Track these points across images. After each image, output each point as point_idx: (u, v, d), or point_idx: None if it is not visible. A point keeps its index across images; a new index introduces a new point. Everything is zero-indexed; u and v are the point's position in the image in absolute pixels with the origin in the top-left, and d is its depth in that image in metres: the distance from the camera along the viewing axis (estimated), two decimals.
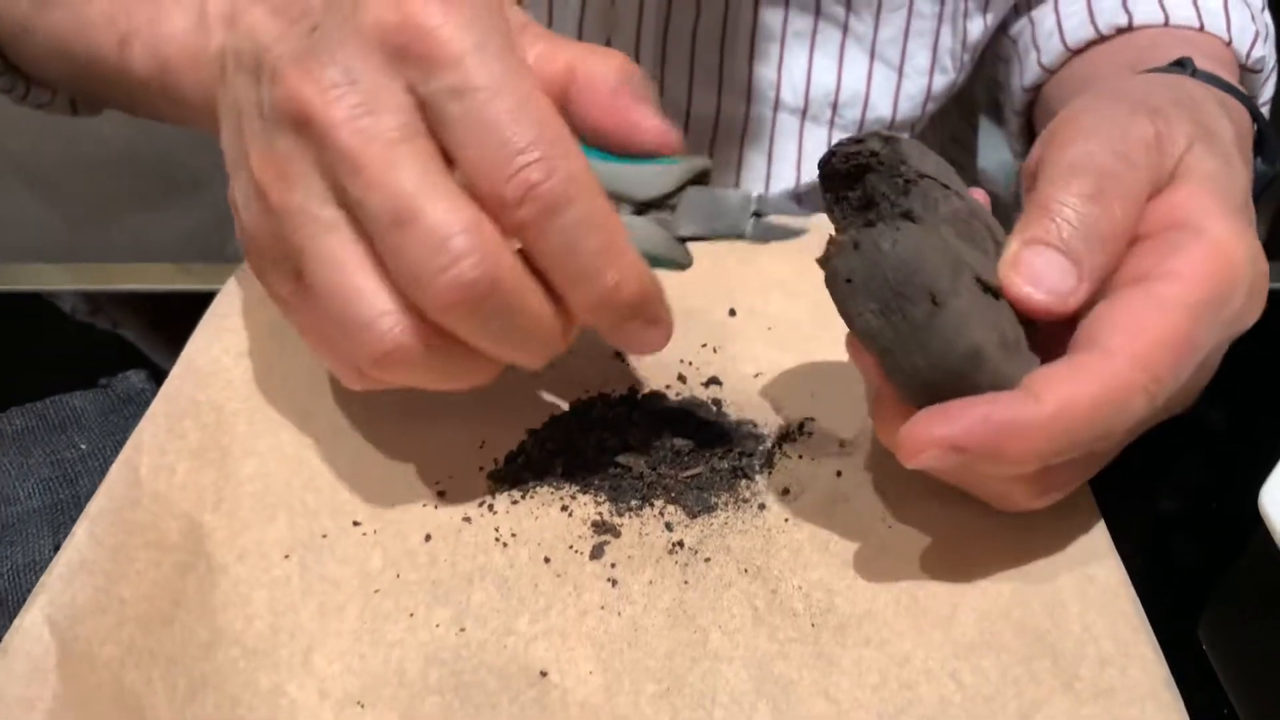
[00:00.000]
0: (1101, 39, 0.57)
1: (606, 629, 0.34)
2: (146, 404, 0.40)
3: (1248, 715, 0.34)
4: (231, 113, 0.34)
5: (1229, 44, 0.54)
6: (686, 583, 0.35)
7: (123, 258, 0.53)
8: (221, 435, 0.39)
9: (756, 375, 0.44)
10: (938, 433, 0.31)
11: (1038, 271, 0.33)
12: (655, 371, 0.44)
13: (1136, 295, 0.33)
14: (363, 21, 0.30)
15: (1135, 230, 0.35)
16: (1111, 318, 0.33)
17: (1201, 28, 0.55)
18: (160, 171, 0.89)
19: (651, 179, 0.34)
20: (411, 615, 0.34)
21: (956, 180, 0.36)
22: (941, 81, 0.61)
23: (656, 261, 0.34)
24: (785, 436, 0.41)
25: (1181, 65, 0.46)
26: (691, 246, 0.35)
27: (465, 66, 0.30)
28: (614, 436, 0.40)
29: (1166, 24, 0.55)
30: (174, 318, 0.43)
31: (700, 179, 0.35)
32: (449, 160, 0.31)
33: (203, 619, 0.33)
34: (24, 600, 0.32)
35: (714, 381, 0.43)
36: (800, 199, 0.64)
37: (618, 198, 0.34)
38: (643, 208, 0.35)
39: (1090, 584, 0.36)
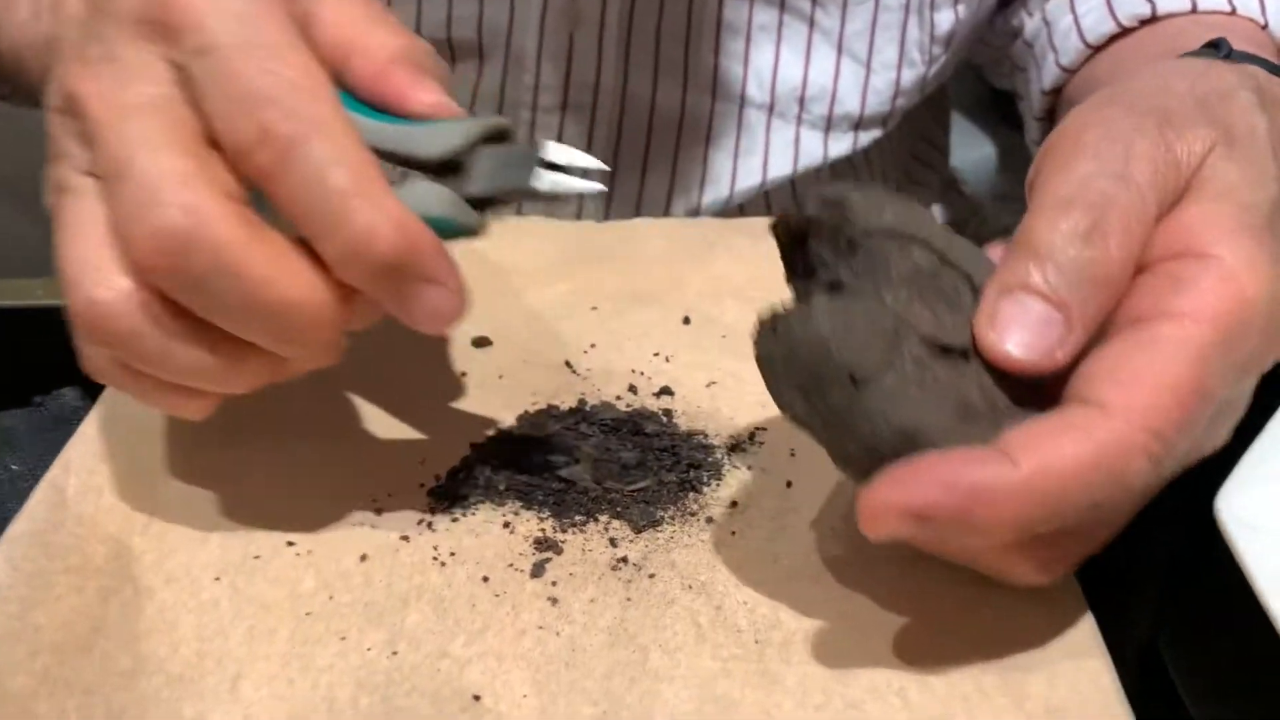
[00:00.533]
0: (1124, 32, 0.54)
1: (544, 650, 0.33)
2: (80, 422, 0.39)
3: None
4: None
5: (1265, 27, 0.51)
6: (629, 600, 0.34)
7: None
8: (154, 455, 0.38)
9: (709, 385, 0.43)
10: (896, 498, 0.28)
11: (1018, 324, 0.30)
12: (606, 381, 0.43)
13: (1135, 341, 0.30)
14: (123, 2, 0.31)
15: (1139, 261, 0.31)
16: (1106, 368, 0.29)
17: (1233, 11, 0.51)
18: None
19: (438, 137, 0.33)
20: (343, 639, 0.33)
21: (928, 226, 0.32)
22: (910, 75, 0.60)
23: (445, 228, 0.32)
24: (735, 447, 0.40)
25: (1215, 47, 0.42)
26: (640, 259, 0.34)
27: (207, 27, 0.30)
28: (560, 450, 0.39)
29: (1194, 10, 0.52)
30: None
31: (498, 137, 0.34)
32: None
33: (125, 646, 0.32)
34: None
35: (666, 391, 0.42)
36: (768, 195, 0.63)
37: (406, 161, 0.33)
38: (435, 173, 0.33)
39: (1043, 597, 0.34)
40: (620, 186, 0.61)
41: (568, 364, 0.44)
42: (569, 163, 0.33)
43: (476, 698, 0.31)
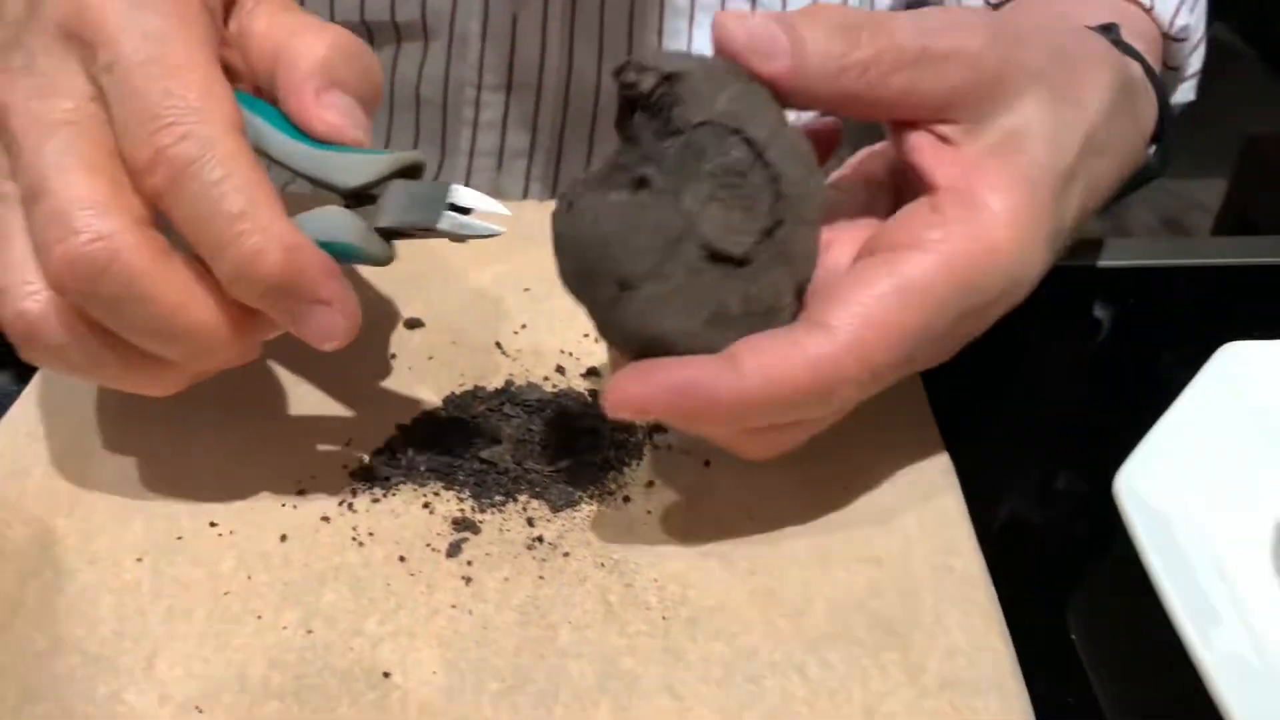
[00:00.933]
0: None
1: (456, 628, 0.34)
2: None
3: (1110, 703, 0.34)
4: None
5: (1150, 10, 0.53)
6: (542, 578, 0.35)
7: None
8: (82, 438, 0.39)
9: None
10: (632, 392, 0.32)
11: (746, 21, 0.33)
12: (535, 363, 0.44)
13: (881, 271, 0.32)
14: (45, 11, 0.32)
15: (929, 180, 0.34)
16: (848, 291, 0.32)
17: None
18: None
19: (355, 167, 0.34)
20: (259, 617, 0.34)
21: (759, 116, 0.32)
22: None
23: (352, 254, 0.33)
24: (657, 428, 0.41)
25: (1107, 30, 0.44)
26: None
27: (117, 42, 0.31)
28: (483, 431, 0.40)
29: None
30: None
31: (410, 172, 0.35)
32: None
33: (42, 627, 0.33)
34: None
35: (593, 373, 0.43)
36: None
37: (324, 185, 0.34)
38: (350, 200, 0.34)
39: (947, 574, 0.35)
40: (566, 166, 0.62)
41: (498, 345, 0.44)
42: (475, 206, 0.34)
43: (386, 675, 0.32)
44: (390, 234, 0.34)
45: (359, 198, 0.34)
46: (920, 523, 0.37)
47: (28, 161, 0.31)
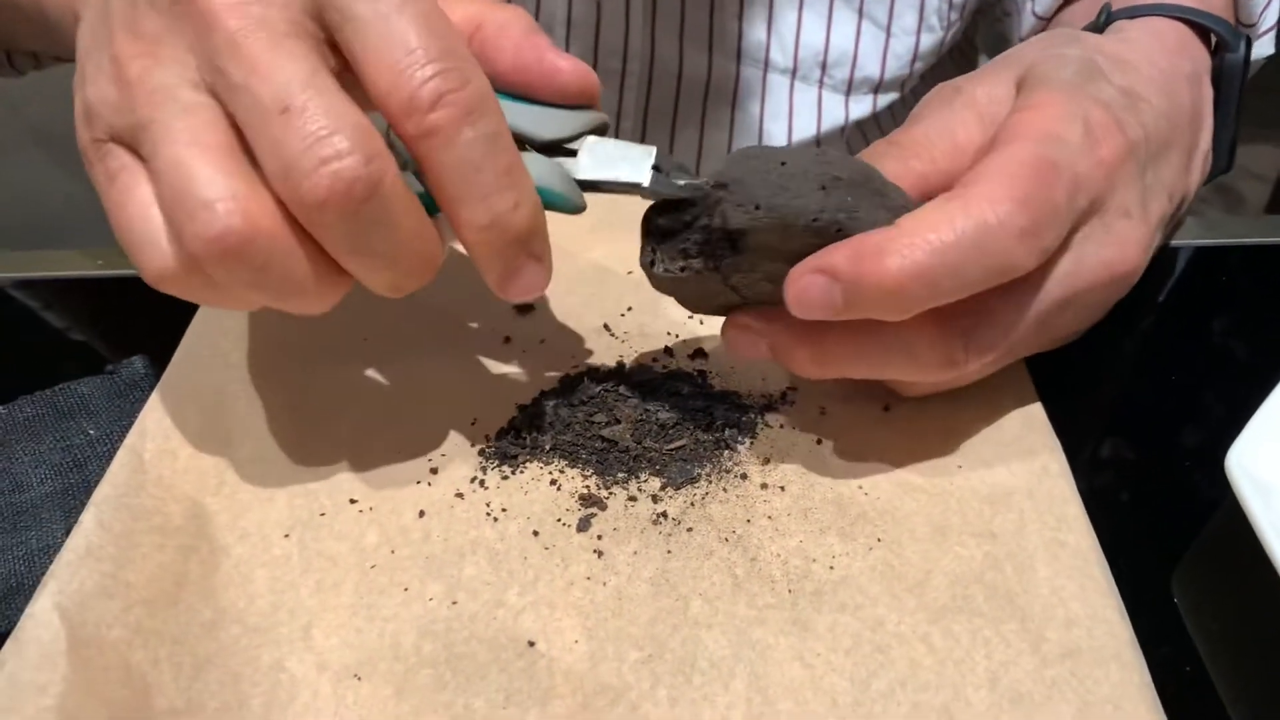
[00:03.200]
0: None
1: (592, 599, 0.35)
2: (149, 388, 0.41)
3: (1216, 670, 0.35)
4: (97, 3, 0.34)
5: None
6: (669, 552, 0.37)
7: None
8: (222, 419, 0.41)
9: None
10: (811, 263, 0.34)
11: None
12: (643, 344, 0.45)
13: (991, 152, 0.36)
14: None
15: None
16: (975, 169, 0.35)
17: None
18: None
19: (554, 120, 0.36)
20: (405, 590, 0.35)
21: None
22: (929, 40, 0.61)
23: (550, 200, 0.35)
24: (768, 406, 0.42)
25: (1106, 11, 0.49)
26: None
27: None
28: (601, 411, 0.41)
29: None
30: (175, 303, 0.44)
31: (599, 131, 0.36)
32: (345, 66, 0.31)
33: (206, 599, 0.35)
34: (39, 583, 0.34)
35: (700, 354, 0.44)
36: None
37: (519, 136, 0.35)
38: (544, 149, 0.36)
39: (1061, 548, 0.37)
40: None
41: (606, 327, 0.46)
42: (667, 168, 0.36)
43: (531, 644, 0.34)
44: (586, 186, 0.36)
45: (551, 151, 0.36)
46: (1032, 499, 0.38)
47: (263, 72, 0.30)
